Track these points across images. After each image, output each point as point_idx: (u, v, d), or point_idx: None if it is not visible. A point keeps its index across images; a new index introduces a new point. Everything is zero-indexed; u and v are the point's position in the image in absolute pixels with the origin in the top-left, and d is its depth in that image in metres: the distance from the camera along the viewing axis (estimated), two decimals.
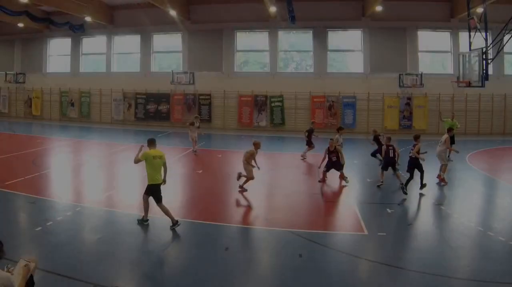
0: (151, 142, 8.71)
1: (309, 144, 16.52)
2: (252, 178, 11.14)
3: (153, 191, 8.55)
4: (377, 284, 6.40)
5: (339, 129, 15.68)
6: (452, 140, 13.60)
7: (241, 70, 27.06)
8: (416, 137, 11.21)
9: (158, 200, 8.55)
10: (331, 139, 12.56)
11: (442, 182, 12.39)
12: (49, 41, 31.08)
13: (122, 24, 28.55)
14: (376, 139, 15.08)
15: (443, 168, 12.50)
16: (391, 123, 23.85)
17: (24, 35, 31.04)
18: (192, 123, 17.96)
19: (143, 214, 8.83)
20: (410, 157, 11.23)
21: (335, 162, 12.24)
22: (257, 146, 11.71)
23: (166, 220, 8.67)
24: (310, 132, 16.66)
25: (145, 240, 8.22)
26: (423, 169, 11.20)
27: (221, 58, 26.83)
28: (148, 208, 8.71)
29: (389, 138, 12.39)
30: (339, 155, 12.31)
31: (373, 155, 15.27)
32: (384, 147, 12.25)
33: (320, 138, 17.31)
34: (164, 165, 8.70)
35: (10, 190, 11.35)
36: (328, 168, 12.32)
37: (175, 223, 8.44)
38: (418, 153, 11.04)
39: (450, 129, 13.10)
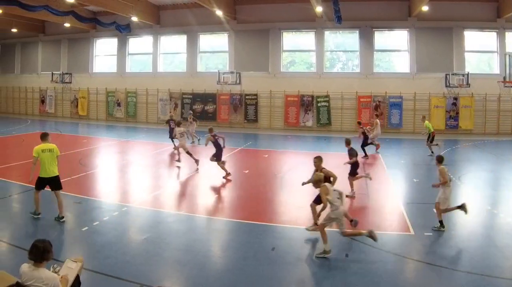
0: (42, 137, 9.65)
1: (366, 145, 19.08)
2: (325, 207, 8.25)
3: (43, 184, 9.52)
4: (424, 284, 7.08)
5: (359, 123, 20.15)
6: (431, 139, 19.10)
7: (287, 70, 30.63)
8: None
9: (56, 189, 9.64)
10: (315, 158, 10.47)
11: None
12: (95, 41, 35.40)
13: (168, 24, 32.50)
14: (363, 134, 18.82)
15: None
16: (437, 123, 26.90)
17: (70, 35, 35.43)
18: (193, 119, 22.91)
19: (186, 213, 10.44)
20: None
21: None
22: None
23: (214, 220, 10.36)
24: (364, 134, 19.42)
25: (192, 240, 8.97)
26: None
27: (268, 58, 30.41)
28: (39, 201, 9.69)
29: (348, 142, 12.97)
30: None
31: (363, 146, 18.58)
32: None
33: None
34: (57, 157, 9.59)
35: None
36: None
37: (60, 218, 9.49)
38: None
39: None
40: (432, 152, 18.95)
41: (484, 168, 15.90)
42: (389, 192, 13.27)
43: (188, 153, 16.34)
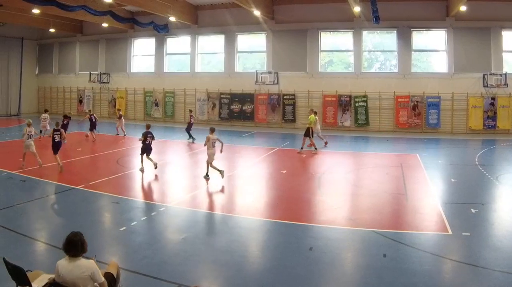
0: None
1: None
2: None
3: None
4: (461, 284, 7.62)
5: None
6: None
7: (325, 70, 33.92)
8: None
9: None
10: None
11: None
12: (133, 41, 39.30)
13: (206, 24, 36.08)
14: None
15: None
16: (475, 123, 29.87)
17: (108, 35, 39.40)
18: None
19: (224, 213, 11.85)
20: None
21: None
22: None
23: (251, 220, 11.22)
24: None
25: (229, 240, 9.72)
26: None
27: (305, 58, 33.65)
28: None
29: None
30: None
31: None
32: None
33: (404, 138, 23.06)
34: None
35: (95, 189, 13.77)
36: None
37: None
38: None
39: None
40: (302, 148, 22.29)
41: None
42: (427, 192, 14.32)
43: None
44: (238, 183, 16.21)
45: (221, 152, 16.25)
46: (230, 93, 35.17)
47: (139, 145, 17.45)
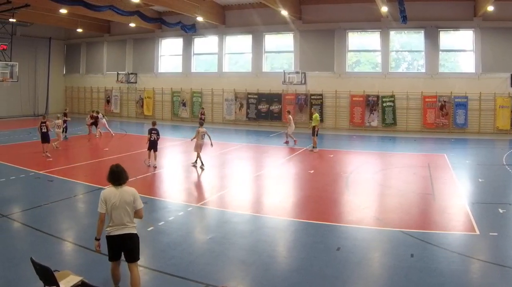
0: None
1: None
2: None
3: None
4: (489, 285, 7.89)
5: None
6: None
7: (352, 70, 36.19)
8: None
9: None
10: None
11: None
12: (161, 41, 42.19)
13: (233, 24, 38.61)
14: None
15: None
16: (502, 123, 31.76)
17: (135, 35, 42.31)
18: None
19: (251, 213, 12.35)
20: None
21: None
22: None
23: (278, 220, 11.78)
24: None
25: (257, 240, 10.14)
26: None
27: (333, 58, 35.94)
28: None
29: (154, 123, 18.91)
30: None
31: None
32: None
33: (432, 138, 24.82)
34: None
35: None
36: None
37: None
38: None
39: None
40: (315, 147, 23.96)
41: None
42: (454, 192, 15.00)
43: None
44: (266, 183, 17.19)
45: (211, 145, 19.07)
46: (258, 93, 37.61)
47: (166, 145, 19.20)
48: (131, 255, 7.09)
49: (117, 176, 7.07)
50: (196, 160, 18.66)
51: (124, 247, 7.03)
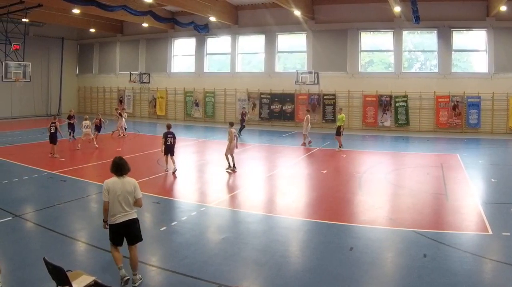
0: None
1: None
2: None
3: None
4: (502, 285, 8.02)
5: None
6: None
7: (365, 70, 37.19)
8: None
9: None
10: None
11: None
12: (173, 41, 43.44)
13: (246, 24, 39.74)
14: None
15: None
16: None
17: (148, 35, 43.55)
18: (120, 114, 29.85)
19: (264, 213, 12.62)
20: None
21: None
22: None
23: (291, 220, 12.03)
24: None
25: (270, 240, 10.37)
26: None
27: (346, 58, 36.95)
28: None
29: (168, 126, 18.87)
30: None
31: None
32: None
33: (445, 138, 25.59)
34: None
35: None
36: None
37: None
38: None
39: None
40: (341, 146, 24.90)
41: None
42: (467, 192, 15.29)
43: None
44: (279, 182, 17.57)
45: (236, 147, 18.99)
46: (271, 93, 38.72)
47: (180, 145, 19.35)
48: (134, 238, 7.99)
49: (120, 167, 7.92)
50: (229, 164, 18.47)
51: (128, 233, 7.89)
